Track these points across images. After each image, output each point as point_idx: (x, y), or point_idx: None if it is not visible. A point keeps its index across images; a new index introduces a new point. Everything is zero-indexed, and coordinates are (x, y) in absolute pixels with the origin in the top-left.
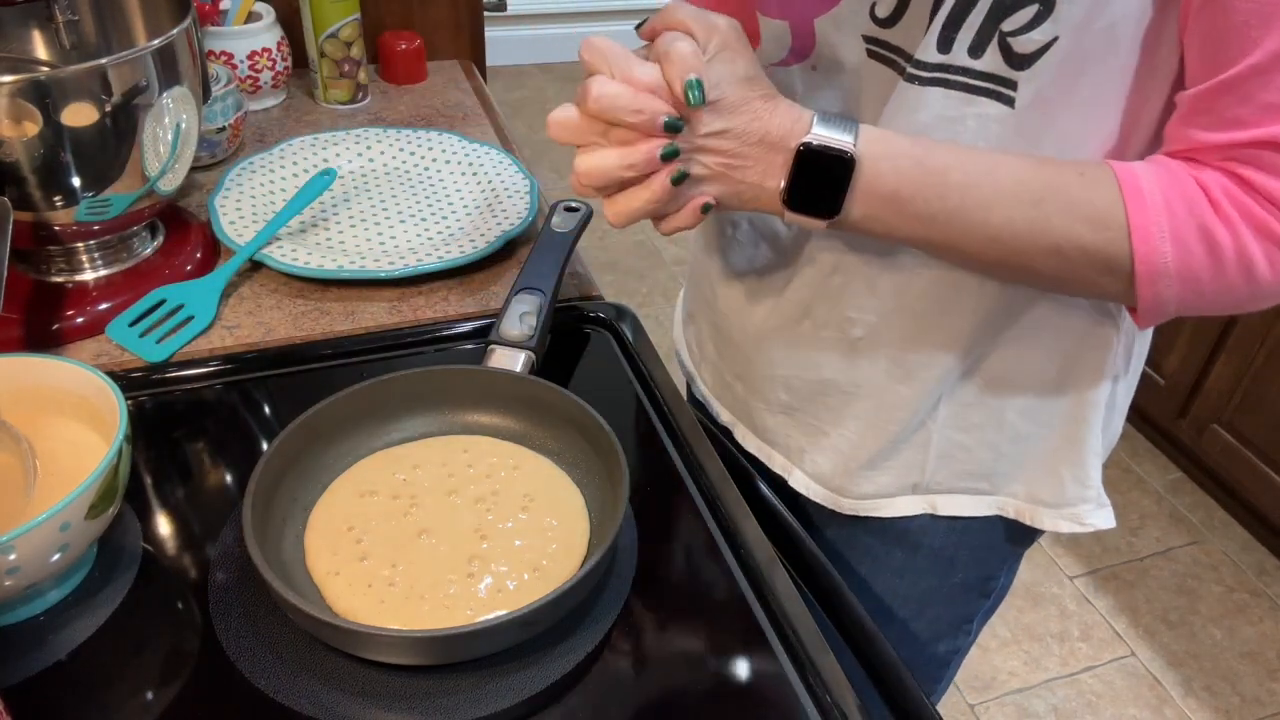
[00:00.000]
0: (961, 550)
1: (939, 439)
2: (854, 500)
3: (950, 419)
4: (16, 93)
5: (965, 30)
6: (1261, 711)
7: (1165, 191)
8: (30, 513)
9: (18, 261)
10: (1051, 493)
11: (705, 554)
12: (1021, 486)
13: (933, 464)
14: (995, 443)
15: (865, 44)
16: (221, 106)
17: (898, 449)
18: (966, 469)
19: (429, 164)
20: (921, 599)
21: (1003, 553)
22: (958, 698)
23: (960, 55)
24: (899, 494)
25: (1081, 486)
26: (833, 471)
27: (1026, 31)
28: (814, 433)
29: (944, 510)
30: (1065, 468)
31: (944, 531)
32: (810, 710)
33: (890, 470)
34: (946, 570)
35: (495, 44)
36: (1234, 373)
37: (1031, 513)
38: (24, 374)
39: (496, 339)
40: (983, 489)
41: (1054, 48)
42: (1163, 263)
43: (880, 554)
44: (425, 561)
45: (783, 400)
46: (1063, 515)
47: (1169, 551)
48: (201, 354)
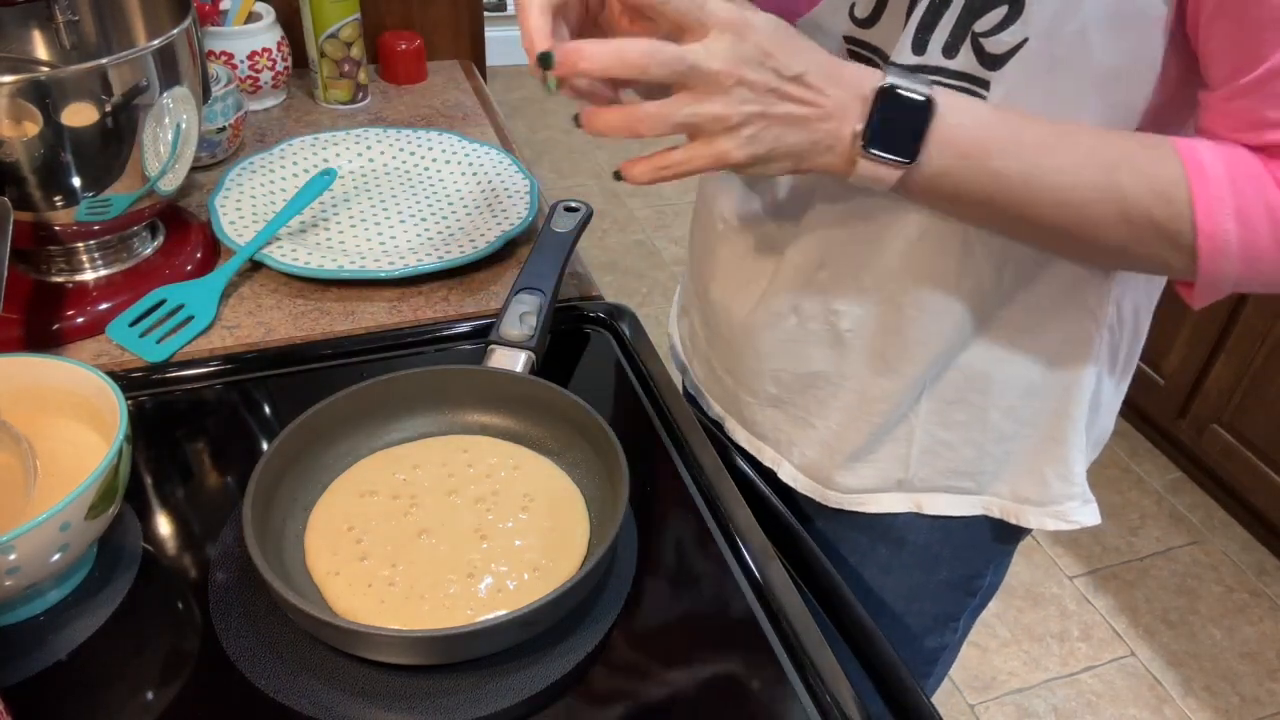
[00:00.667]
0: (946, 549)
1: (921, 434)
2: (839, 494)
3: (932, 415)
4: (16, 93)
5: (939, 31)
6: (1261, 711)
7: (1230, 169)
8: (30, 513)
9: (18, 261)
10: (1036, 491)
11: (705, 554)
12: (1006, 485)
13: (916, 460)
14: (979, 441)
15: (846, 44)
16: (221, 106)
17: (880, 442)
18: (951, 467)
19: (429, 164)
20: (907, 595)
21: (988, 552)
22: (958, 698)
23: (935, 55)
24: (883, 490)
25: (1066, 484)
26: (818, 463)
27: (997, 33)
28: (802, 425)
29: (929, 509)
30: (1049, 466)
31: (928, 529)
32: (810, 710)
33: (873, 464)
34: (931, 567)
35: (495, 44)
36: (1234, 373)
37: (1017, 511)
38: (24, 374)
39: (496, 339)
40: (968, 488)
41: (1024, 49)
42: (1225, 240)
43: (866, 549)
44: (425, 561)
45: (771, 393)
46: (1048, 513)
47: (1169, 551)
48: (201, 354)
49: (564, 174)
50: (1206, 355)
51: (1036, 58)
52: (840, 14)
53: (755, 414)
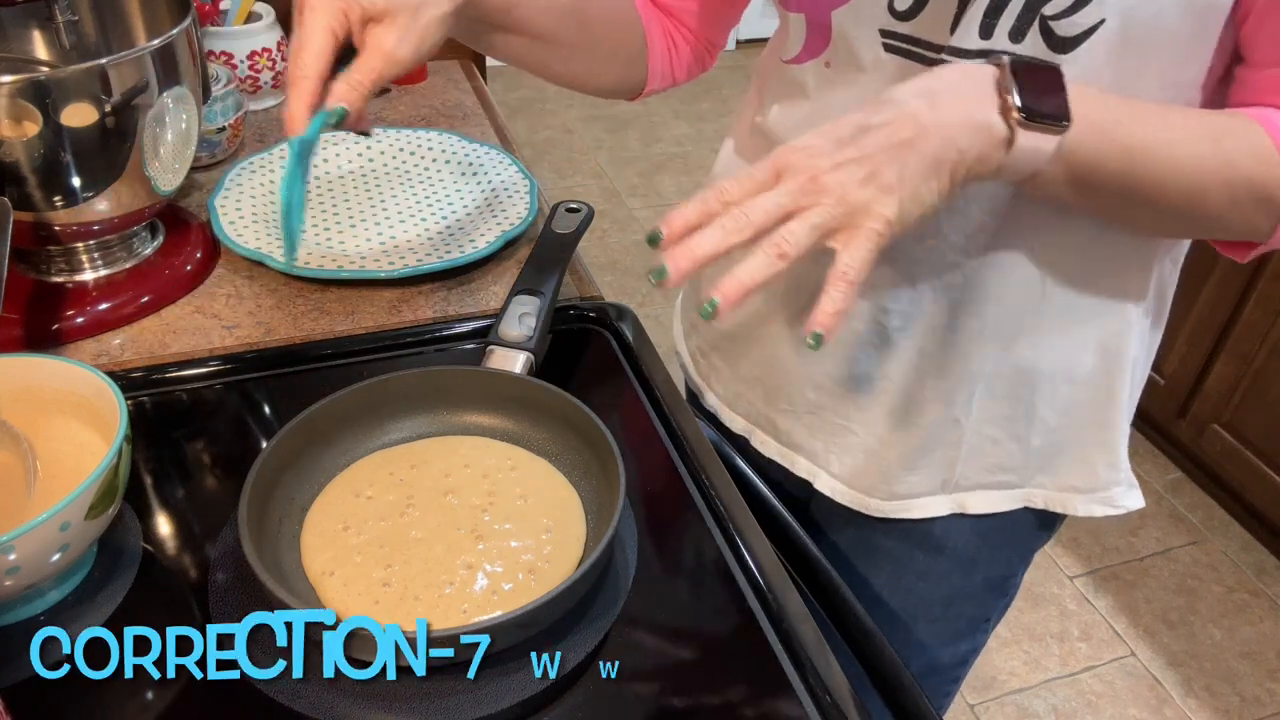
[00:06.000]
0: (984, 550)
1: (971, 434)
2: (882, 501)
3: (982, 413)
4: (16, 93)
5: (1006, 16)
6: (1261, 711)
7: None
8: (30, 513)
9: (18, 261)
10: (1084, 479)
11: (704, 554)
12: (1050, 476)
13: (963, 460)
14: (1024, 436)
15: (882, 38)
16: (221, 106)
17: (930, 446)
18: (995, 463)
19: (429, 164)
20: (944, 601)
21: (1023, 549)
22: (958, 697)
23: (1002, 40)
24: (928, 493)
25: (1113, 470)
26: (862, 471)
27: (1069, 14)
28: (841, 432)
29: (973, 508)
30: (1096, 453)
31: (968, 531)
32: (810, 710)
33: (922, 469)
34: (969, 570)
35: None
36: (1234, 373)
37: (1062, 500)
38: (24, 374)
39: (496, 340)
40: (1010, 482)
41: (1101, 30)
42: None
43: (901, 557)
44: (421, 562)
45: (810, 399)
46: (1095, 499)
47: (1169, 551)
48: (201, 354)
49: (564, 174)
50: (1206, 355)
51: (1111, 39)
52: (879, 6)
53: (790, 423)
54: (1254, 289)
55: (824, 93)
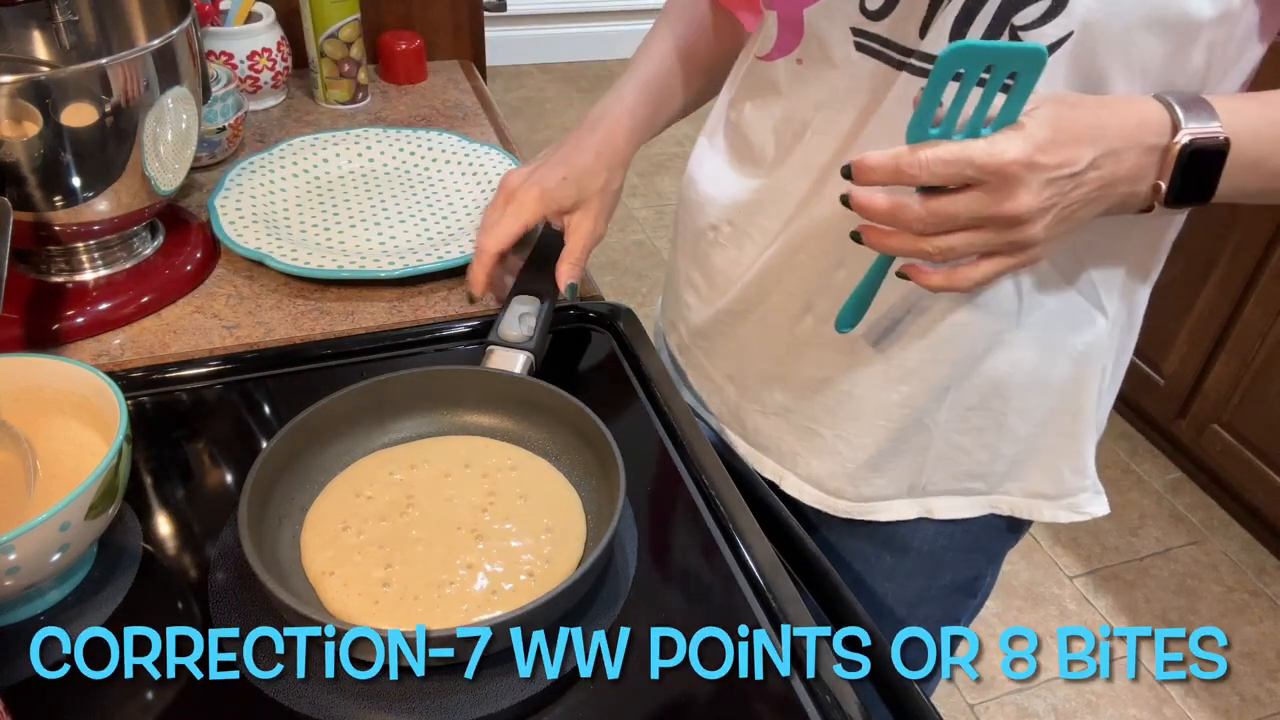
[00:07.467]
0: (949, 553)
1: (940, 441)
2: (849, 503)
3: (952, 422)
4: (16, 93)
5: (977, 24)
6: (1261, 711)
7: None
8: (30, 513)
9: (18, 261)
10: (1050, 485)
11: (705, 553)
12: (1017, 483)
13: (931, 466)
14: (994, 444)
15: (853, 36)
16: (221, 106)
17: (897, 451)
18: (964, 470)
19: (429, 164)
20: (911, 601)
21: (990, 552)
22: (958, 698)
23: None
24: (895, 497)
25: (1079, 476)
26: (829, 474)
27: (1039, 25)
28: (808, 434)
29: (939, 513)
30: (1063, 461)
31: (933, 534)
32: (810, 710)
33: (889, 472)
34: (934, 573)
35: (495, 44)
36: (1234, 373)
37: (1029, 507)
38: (24, 374)
39: (496, 340)
40: (978, 489)
41: (1069, 42)
42: None
43: (869, 557)
44: (421, 562)
45: (778, 400)
46: (1061, 506)
47: (1169, 551)
48: (201, 354)
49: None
50: (1206, 355)
51: (1080, 51)
52: (850, 4)
53: (758, 423)
54: (1254, 289)
55: (796, 90)
